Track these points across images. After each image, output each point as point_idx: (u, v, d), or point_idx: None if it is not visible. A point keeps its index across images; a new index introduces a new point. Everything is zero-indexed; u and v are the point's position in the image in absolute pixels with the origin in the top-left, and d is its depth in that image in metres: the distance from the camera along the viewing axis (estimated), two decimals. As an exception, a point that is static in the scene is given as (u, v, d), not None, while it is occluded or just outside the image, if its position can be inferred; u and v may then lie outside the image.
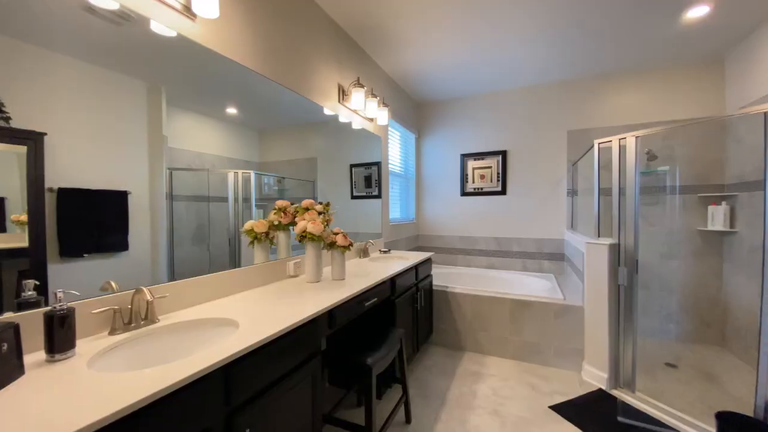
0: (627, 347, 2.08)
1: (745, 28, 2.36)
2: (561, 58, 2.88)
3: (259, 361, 0.95)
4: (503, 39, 2.56)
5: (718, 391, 2.09)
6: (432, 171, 4.00)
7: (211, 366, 0.79)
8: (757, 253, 2.33)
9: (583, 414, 1.87)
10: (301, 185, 2.00)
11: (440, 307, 2.79)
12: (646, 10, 2.20)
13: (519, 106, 3.55)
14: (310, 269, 1.67)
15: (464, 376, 2.29)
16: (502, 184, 3.62)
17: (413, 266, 2.31)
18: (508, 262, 3.62)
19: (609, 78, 3.19)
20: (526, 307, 2.49)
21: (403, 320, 2.14)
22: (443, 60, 2.90)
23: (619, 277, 2.11)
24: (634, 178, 2.05)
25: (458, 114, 3.83)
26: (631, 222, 2.07)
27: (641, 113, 3.08)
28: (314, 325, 1.21)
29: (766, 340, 1.50)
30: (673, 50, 2.71)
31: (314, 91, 2.07)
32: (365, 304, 1.60)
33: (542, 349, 2.45)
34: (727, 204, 2.62)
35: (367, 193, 2.77)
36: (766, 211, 1.51)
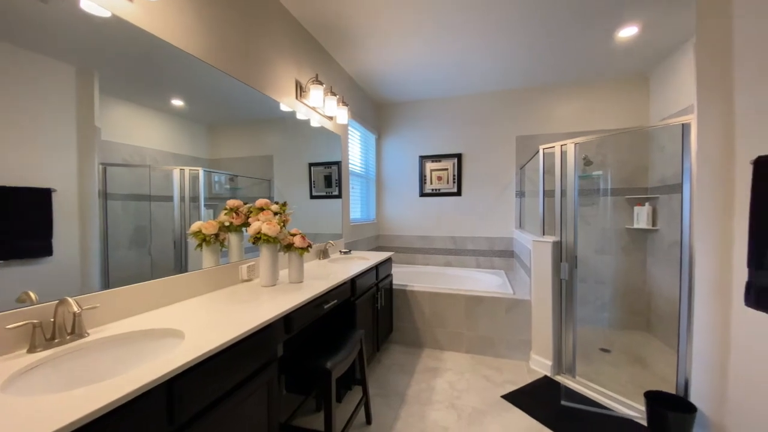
0: (568, 336, 2.27)
1: (667, 48, 2.68)
2: (511, 68, 3.07)
3: (209, 373, 0.89)
4: (459, 48, 2.66)
5: (646, 372, 2.35)
6: (392, 172, 4.04)
7: (151, 383, 0.72)
8: (675, 248, 2.66)
9: (530, 400, 2.01)
10: (256, 184, 1.91)
11: (400, 306, 2.83)
12: (584, 29, 2.41)
13: (473, 111, 3.71)
14: (265, 272, 1.60)
15: (423, 373, 2.34)
16: (458, 186, 3.77)
17: (374, 266, 2.31)
18: (463, 259, 3.77)
19: (553, 89, 3.45)
20: (480, 302, 2.61)
21: (364, 321, 2.14)
22: (403, 62, 2.94)
23: (561, 272, 2.29)
24: (574, 181, 2.23)
25: (417, 116, 3.92)
26: (571, 221, 2.25)
27: (580, 122, 3.37)
28: (270, 331, 1.16)
29: (684, 326, 1.72)
30: (607, 66, 3.01)
31: (270, 85, 1.99)
32: (324, 307, 1.57)
33: (494, 342, 2.59)
34: (650, 205, 2.97)
35: (327, 193, 2.73)
36: (682, 211, 1.73)
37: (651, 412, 1.68)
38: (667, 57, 2.81)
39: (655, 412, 1.65)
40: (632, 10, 2.18)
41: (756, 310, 1.27)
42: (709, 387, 1.57)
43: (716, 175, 1.53)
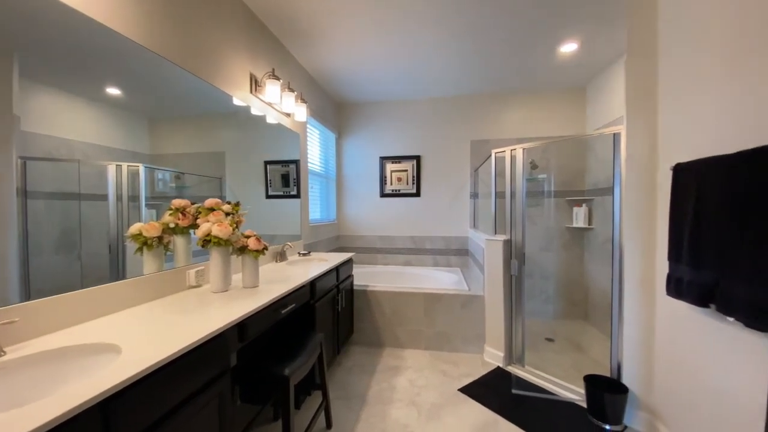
0: (518, 328, 2.42)
1: (602, 64, 2.97)
2: (465, 75, 3.20)
3: (151, 391, 0.81)
4: (416, 53, 2.71)
5: (585, 357, 2.59)
6: (353, 172, 4.02)
7: (82, 404, 0.64)
8: (608, 245, 2.96)
9: (485, 391, 2.11)
10: (206, 182, 1.79)
11: (361, 307, 2.81)
12: (530, 43, 2.60)
13: (431, 114, 3.82)
14: (216, 277, 1.50)
15: (384, 372, 2.36)
16: (417, 187, 3.85)
17: (334, 268, 2.27)
18: (422, 258, 3.87)
19: (503, 96, 3.67)
20: (438, 300, 2.69)
21: (324, 323, 2.10)
22: (362, 63, 2.93)
23: (512, 269, 2.44)
24: (522, 184, 2.39)
25: (378, 117, 3.94)
26: (519, 221, 2.41)
27: (527, 128, 3.62)
28: (221, 341, 1.09)
29: (615, 314, 1.92)
30: (550, 77, 3.26)
31: (221, 77, 1.87)
32: (282, 312, 1.51)
33: (451, 338, 2.68)
34: (586, 206, 3.27)
35: (284, 193, 2.63)
36: (614, 211, 1.93)
37: (589, 394, 1.85)
38: (602, 72, 3.12)
39: (592, 394, 1.83)
40: (572, 28, 2.39)
41: (675, 299, 1.46)
42: (637, 369, 1.76)
43: (642, 180, 1.73)
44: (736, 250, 1.13)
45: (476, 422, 1.81)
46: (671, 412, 1.56)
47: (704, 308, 1.30)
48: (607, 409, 1.76)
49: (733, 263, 1.14)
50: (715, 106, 1.31)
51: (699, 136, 1.39)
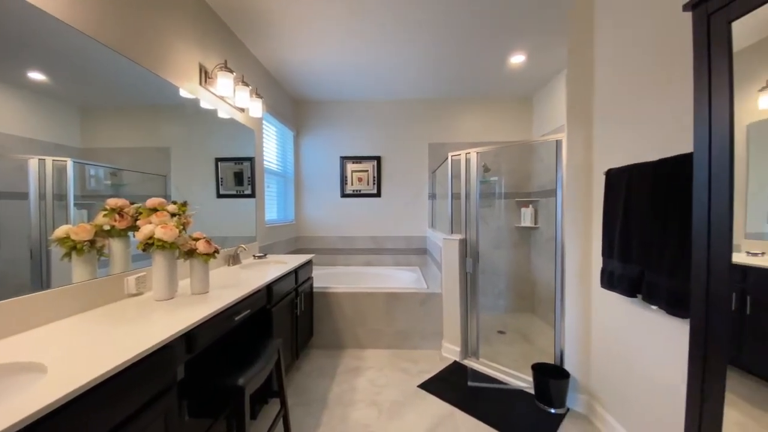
0: (472, 323, 2.54)
1: (547, 75, 3.21)
2: (425, 79, 3.29)
3: (83, 414, 0.72)
4: (375, 55, 2.73)
5: (533, 347, 2.78)
6: (312, 171, 3.93)
7: (-6, 438, 0.55)
8: (551, 243, 3.21)
9: (443, 386, 2.18)
10: (148, 180, 1.64)
11: (321, 309, 2.76)
12: (483, 53, 2.74)
13: (391, 116, 3.86)
14: (160, 284, 1.38)
15: (345, 374, 2.34)
16: (378, 187, 3.88)
17: (293, 270, 2.21)
18: (383, 258, 3.90)
19: (460, 102, 3.82)
20: (397, 298, 2.73)
21: (282, 328, 2.02)
22: (321, 61, 2.88)
23: (467, 266, 2.55)
24: (476, 186, 2.51)
25: (338, 116, 3.89)
26: (473, 221, 2.53)
27: (481, 133, 3.81)
28: (166, 353, 1.00)
29: (558, 306, 2.08)
30: (501, 85, 3.47)
31: (166, 66, 1.72)
32: (236, 318, 1.43)
33: (411, 336, 2.74)
34: (533, 207, 3.52)
35: (238, 192, 2.50)
36: (556, 212, 2.10)
37: (536, 381, 1.99)
38: (547, 82, 3.38)
39: (539, 382, 1.97)
40: (521, 41, 2.56)
41: (608, 291, 1.62)
42: (577, 355, 1.94)
43: (580, 183, 1.91)
44: (659, 246, 1.29)
45: (434, 417, 1.86)
46: (606, 393, 1.74)
47: (632, 298, 1.47)
48: (552, 394, 1.91)
49: (656, 258, 1.30)
50: (640, 120, 1.48)
51: (627, 144, 1.57)
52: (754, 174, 0.81)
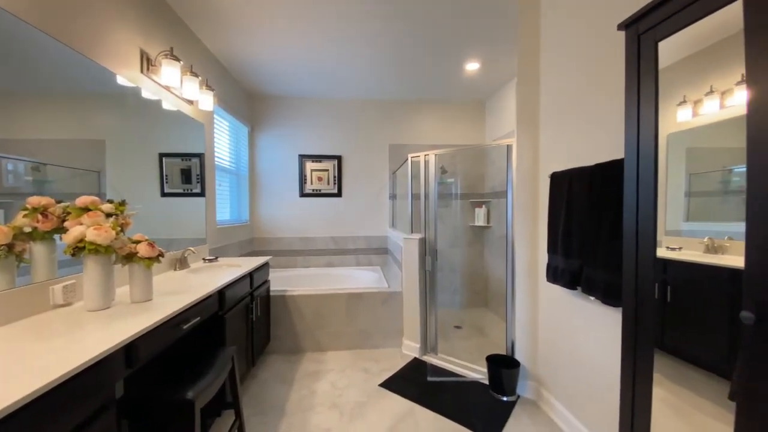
0: (431, 319, 2.62)
1: (500, 82, 3.40)
2: (386, 81, 3.32)
3: (-3, 446, 0.62)
4: (336, 53, 2.70)
5: (487, 340, 2.93)
6: (269, 169, 3.77)
7: None
8: (502, 241, 3.41)
9: (403, 383, 2.21)
10: (78, 177, 1.46)
11: (278, 313, 2.66)
12: (440, 59, 2.84)
13: (352, 116, 3.84)
14: (93, 292, 1.23)
15: (304, 378, 2.28)
16: (338, 187, 3.83)
17: (247, 274, 2.10)
18: (344, 259, 3.87)
19: (419, 104, 3.91)
20: (359, 298, 2.72)
21: (236, 335, 1.92)
22: (283, 56, 2.78)
23: (426, 264, 2.62)
24: (434, 187, 2.59)
25: (297, 113, 3.78)
26: (432, 220, 2.61)
27: (439, 136, 3.94)
28: (101, 369, 0.90)
29: (509, 300, 2.22)
30: (458, 90, 3.61)
31: (101, 50, 1.55)
32: (183, 327, 1.33)
33: (372, 335, 2.75)
34: (485, 207, 3.72)
35: (185, 190, 2.32)
36: (507, 212, 2.23)
37: (490, 372, 2.10)
38: (499, 89, 3.58)
39: (492, 372, 2.08)
40: (475, 49, 2.68)
41: (552, 284, 1.76)
42: (526, 345, 2.08)
43: (527, 185, 2.05)
44: (595, 243, 1.42)
45: (396, 414, 1.89)
46: (551, 379, 1.89)
47: (573, 290, 1.61)
48: (504, 383, 2.03)
49: (593, 253, 1.43)
50: (580, 127, 1.63)
51: (569, 150, 1.71)
52: (672, 178, 0.93)
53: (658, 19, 0.87)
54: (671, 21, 0.84)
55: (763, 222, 0.65)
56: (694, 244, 0.88)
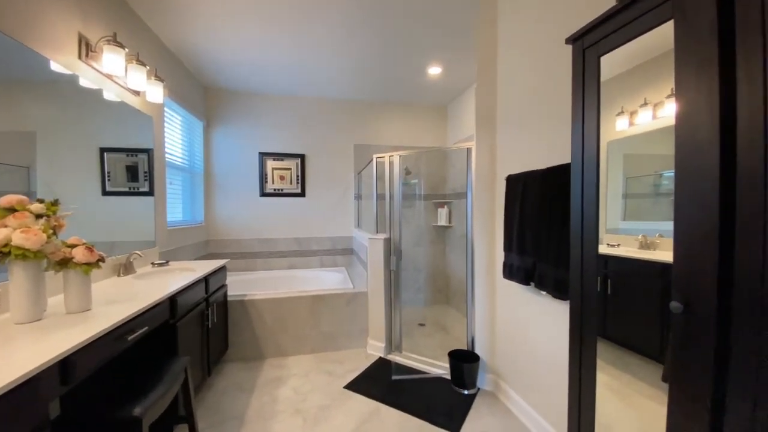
0: (396, 318, 2.65)
1: (461, 87, 3.52)
2: (352, 81, 3.30)
3: None
4: (305, 50, 2.63)
5: (449, 336, 3.01)
6: (226, 167, 3.58)
7: None
8: (463, 240, 3.53)
9: (368, 383, 2.21)
10: (4, 173, 1.28)
11: (237, 319, 2.54)
12: (405, 62, 2.89)
13: (317, 114, 3.77)
14: (22, 303, 1.10)
15: (265, 385, 2.19)
16: (302, 187, 3.74)
17: (202, 278, 1.98)
18: (308, 260, 3.78)
19: (384, 106, 3.94)
20: (323, 300, 2.68)
21: (190, 344, 1.80)
22: (243, 49, 2.65)
23: (391, 264, 2.64)
24: (399, 187, 2.63)
25: (258, 109, 3.63)
26: (397, 221, 2.64)
27: (403, 137, 3.99)
28: (32, 389, 0.80)
29: (469, 297, 2.30)
30: (422, 94, 3.69)
31: (32, 32, 1.37)
32: (128, 339, 1.22)
33: (337, 337, 2.71)
34: (447, 207, 3.83)
35: (131, 189, 2.13)
36: (467, 212, 2.32)
37: (452, 367, 2.17)
38: (460, 94, 3.70)
39: (454, 367, 2.15)
40: (437, 54, 2.76)
41: (508, 280, 1.86)
42: (485, 339, 2.17)
43: (486, 187, 2.14)
44: (546, 241, 1.52)
45: (361, 415, 1.88)
46: (508, 370, 1.99)
47: (527, 286, 1.71)
48: (465, 377, 2.10)
49: (545, 251, 1.53)
50: (532, 134, 1.73)
51: (523, 154, 1.82)
52: (612, 182, 1.02)
53: (600, 36, 0.96)
54: (611, 38, 0.93)
55: (688, 222, 0.73)
56: (631, 241, 0.98)
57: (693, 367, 0.72)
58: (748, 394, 0.63)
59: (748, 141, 0.63)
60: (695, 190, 0.71)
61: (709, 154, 0.69)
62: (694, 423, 0.71)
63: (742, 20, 0.63)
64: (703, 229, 0.70)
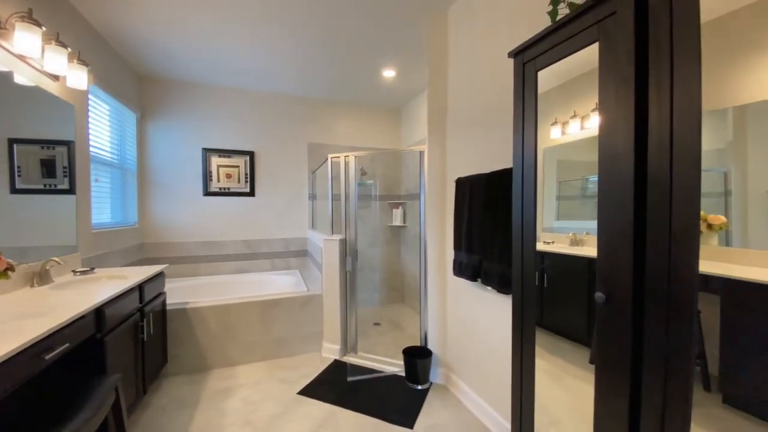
0: (352, 319, 2.64)
1: (414, 91, 3.61)
2: (307, 78, 3.22)
3: None
4: (258, 42, 2.51)
5: (404, 334, 3.07)
6: (164, 163, 3.28)
7: None
8: (417, 239, 3.61)
9: (323, 387, 2.18)
10: None
11: (178, 329, 2.34)
12: (361, 63, 2.89)
13: (268, 109, 3.61)
14: None
15: (211, 399, 2.05)
16: (251, 186, 3.56)
17: (136, 286, 1.79)
18: (259, 263, 3.60)
19: (339, 105, 3.90)
20: (275, 305, 2.58)
21: (122, 360, 1.62)
22: (186, 35, 2.45)
23: (347, 265, 2.63)
24: (354, 188, 2.62)
25: (201, 102, 3.38)
26: (353, 221, 2.63)
27: (359, 138, 3.99)
28: None
29: (422, 294, 2.37)
30: (377, 96, 3.72)
31: None
32: (46, 358, 1.07)
33: (290, 342, 2.63)
34: (402, 208, 3.91)
35: (47, 186, 1.86)
36: (420, 212, 2.39)
37: (406, 364, 2.22)
38: (413, 98, 3.80)
39: (407, 363, 2.20)
40: (392, 57, 2.80)
41: (458, 277, 1.95)
42: (437, 335, 2.25)
43: (438, 189, 2.23)
44: (491, 240, 1.63)
45: (315, 421, 1.84)
46: (458, 363, 2.09)
47: (474, 282, 1.81)
48: (418, 373, 2.16)
49: (490, 249, 1.64)
50: (477, 140, 1.84)
51: (471, 158, 1.92)
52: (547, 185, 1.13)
53: (538, 53, 1.05)
54: (547, 55, 1.02)
55: (608, 221, 0.84)
56: (563, 238, 1.09)
57: (614, 350, 0.82)
58: (659, 371, 0.73)
59: (657, 151, 0.73)
60: (614, 193, 0.82)
61: (625, 162, 0.79)
62: (617, 398, 0.82)
63: (654, 46, 0.73)
64: (620, 227, 0.80)
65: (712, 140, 0.69)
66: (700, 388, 0.71)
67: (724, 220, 0.74)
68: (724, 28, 0.68)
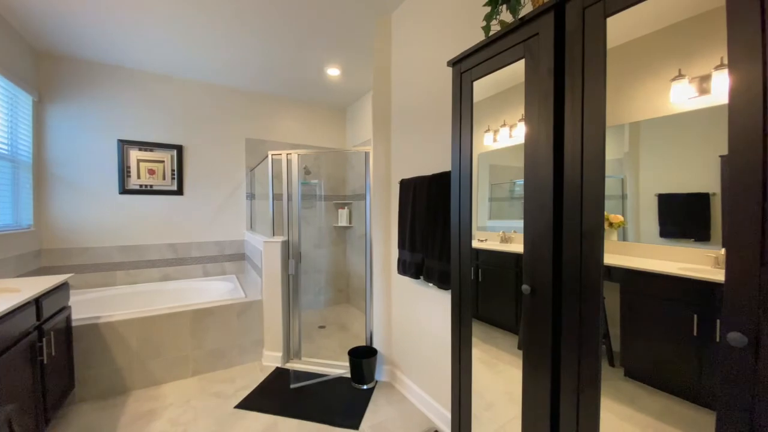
0: (295, 324, 2.55)
1: (359, 91, 3.60)
2: (244, 70, 3.02)
3: None
4: (188, 20, 2.27)
5: (349, 335, 3.06)
6: (68, 155, 2.81)
7: None
8: (362, 240, 3.65)
9: (263, 398, 2.07)
10: None
11: (88, 348, 2.03)
12: (304, 59, 2.81)
13: (199, 100, 3.31)
14: None
15: (131, 424, 1.82)
16: (179, 183, 3.23)
17: (31, 300, 1.51)
18: (188, 269, 3.28)
19: (280, 101, 3.74)
20: (208, 314, 2.38)
21: (15, 388, 1.35)
22: (98, 5, 2.12)
23: (289, 268, 2.53)
24: (298, 187, 2.54)
25: (117, 87, 2.96)
26: (296, 222, 2.55)
27: (302, 136, 3.87)
28: None
29: (368, 294, 2.39)
30: (321, 94, 3.64)
31: None
32: None
33: (226, 353, 2.45)
34: (348, 208, 3.90)
35: None
36: (366, 213, 2.40)
37: (351, 365, 2.21)
38: (359, 98, 3.80)
39: (353, 364, 2.20)
40: (336, 55, 2.77)
41: (402, 276, 2.00)
42: (382, 333, 2.29)
43: (383, 190, 2.26)
44: (432, 238, 1.70)
45: (256, 432, 1.74)
46: (402, 358, 2.14)
47: (417, 279, 1.87)
48: (364, 373, 2.17)
49: (431, 247, 1.71)
50: (420, 144, 1.91)
51: (414, 160, 1.99)
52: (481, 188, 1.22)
53: (474, 64, 1.13)
54: (482, 66, 1.10)
55: (532, 220, 0.93)
56: (495, 236, 1.18)
57: (538, 335, 0.91)
58: (574, 351, 0.83)
59: (572, 160, 0.83)
60: (537, 196, 0.91)
61: (545, 168, 0.88)
62: (541, 375, 0.91)
63: (570, 65, 0.83)
64: (542, 226, 0.89)
65: (612, 151, 0.81)
66: (606, 364, 0.83)
67: (622, 219, 0.86)
68: (625, 54, 0.80)
